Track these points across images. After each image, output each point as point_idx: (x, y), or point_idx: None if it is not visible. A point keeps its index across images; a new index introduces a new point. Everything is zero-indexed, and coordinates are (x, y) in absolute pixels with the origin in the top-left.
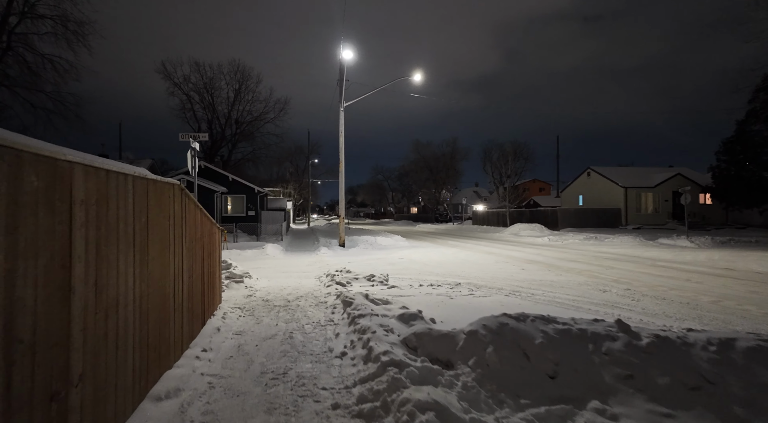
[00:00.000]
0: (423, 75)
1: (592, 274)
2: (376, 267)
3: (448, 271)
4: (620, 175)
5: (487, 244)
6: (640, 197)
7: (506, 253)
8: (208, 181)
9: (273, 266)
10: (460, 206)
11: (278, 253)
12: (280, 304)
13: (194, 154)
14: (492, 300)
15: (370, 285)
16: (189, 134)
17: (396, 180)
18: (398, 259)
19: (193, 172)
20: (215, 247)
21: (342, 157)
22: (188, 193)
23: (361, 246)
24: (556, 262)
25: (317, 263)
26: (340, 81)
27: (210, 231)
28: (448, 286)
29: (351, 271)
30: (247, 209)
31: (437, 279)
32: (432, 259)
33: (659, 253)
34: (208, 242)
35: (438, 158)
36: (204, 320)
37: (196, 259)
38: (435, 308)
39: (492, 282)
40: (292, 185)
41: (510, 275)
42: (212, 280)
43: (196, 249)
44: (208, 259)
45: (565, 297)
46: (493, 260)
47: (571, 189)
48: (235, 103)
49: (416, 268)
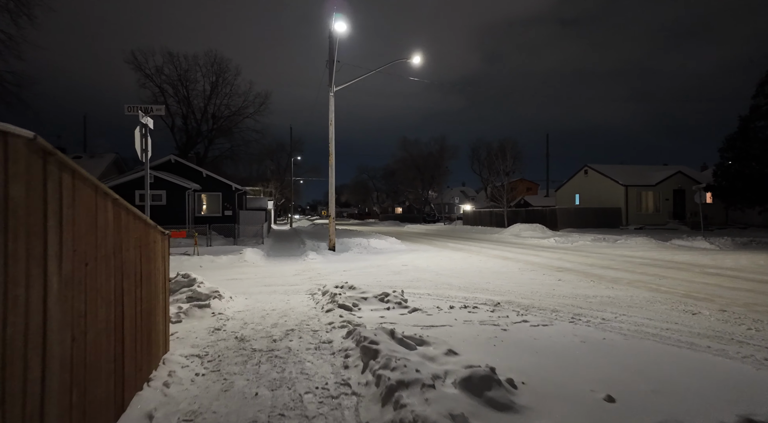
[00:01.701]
0: (421, 58)
1: (649, 286)
2: (378, 277)
3: (469, 282)
4: (620, 173)
5: (493, 247)
6: (640, 196)
7: (523, 258)
8: (179, 177)
9: (252, 277)
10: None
11: (259, 259)
12: (261, 347)
13: (145, 133)
14: (560, 331)
15: (384, 308)
16: (139, 106)
17: (381, 179)
18: (401, 266)
19: (144, 157)
20: (155, 265)
21: (332, 149)
22: (75, 167)
23: (354, 250)
24: (590, 270)
25: (306, 272)
26: (329, 62)
27: (143, 240)
28: (487, 308)
29: (355, 287)
30: (224, 209)
31: (464, 296)
32: (442, 266)
33: (691, 256)
34: (137, 259)
35: (426, 157)
36: (124, 400)
37: (99, 295)
38: (491, 349)
39: (536, 300)
40: (273, 184)
41: (551, 289)
42: (149, 320)
43: (99, 276)
44: (137, 289)
45: (654, 325)
46: (516, 268)
47: (567, 188)
48: (212, 97)
49: (429, 278)
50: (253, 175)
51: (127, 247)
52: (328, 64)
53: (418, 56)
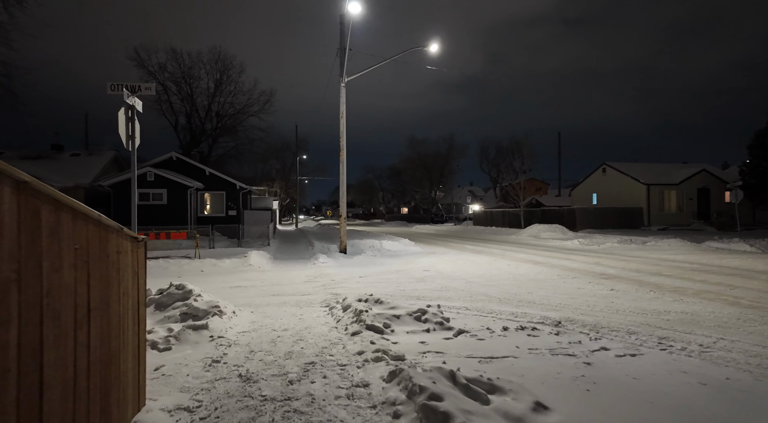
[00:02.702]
0: (439, 46)
1: (723, 298)
2: (400, 285)
3: (509, 293)
4: (640, 171)
5: (516, 249)
6: (662, 195)
7: (556, 263)
8: (180, 176)
9: (258, 284)
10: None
11: (265, 262)
12: (273, 394)
13: (132, 116)
14: (659, 366)
15: (423, 329)
16: (124, 84)
17: (387, 179)
18: (423, 271)
19: (130, 144)
20: (119, 288)
21: (343, 144)
22: None
23: (367, 252)
24: (639, 277)
25: (319, 278)
26: (341, 50)
27: (95, 251)
28: (548, 330)
29: (381, 301)
30: (228, 208)
31: (511, 311)
32: (469, 272)
33: (741, 261)
34: (81, 282)
35: (434, 155)
36: None
37: None
38: (586, 399)
39: (600, 317)
40: (279, 184)
41: (609, 302)
42: (107, 373)
43: None
44: (79, 331)
45: None
46: (553, 274)
47: (584, 187)
48: (216, 95)
49: (459, 287)
50: (258, 174)
51: (55, 265)
52: (339, 52)
53: (435, 44)
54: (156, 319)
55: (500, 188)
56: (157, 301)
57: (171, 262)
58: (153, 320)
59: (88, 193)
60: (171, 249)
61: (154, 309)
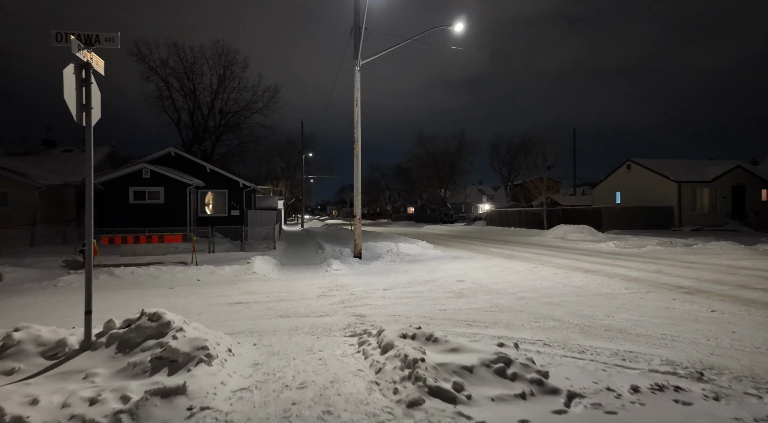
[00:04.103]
0: (464, 25)
1: None
2: (437, 302)
3: (580, 315)
4: (669, 167)
5: (550, 253)
6: (695, 193)
7: (609, 270)
8: (179, 173)
9: (263, 299)
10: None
11: (270, 270)
12: None
13: (87, 78)
14: None
15: (515, 394)
16: (75, 32)
17: (393, 178)
18: (457, 282)
19: (84, 118)
20: None
21: (358, 135)
22: None
23: (385, 258)
24: (728, 291)
25: (335, 291)
26: (355, 29)
27: None
28: (695, 386)
29: (436, 338)
30: (230, 208)
31: (608, 348)
32: (513, 284)
33: None
34: None
35: (444, 153)
36: None
37: None
38: None
39: (744, 359)
40: (284, 183)
41: (729, 332)
42: None
43: None
44: None
45: None
46: (619, 286)
47: (606, 185)
48: (219, 91)
49: (512, 305)
50: (262, 173)
51: None
52: (353, 31)
53: (460, 23)
54: (115, 369)
55: (511, 187)
56: (121, 338)
57: (163, 270)
58: (111, 371)
59: (80, 191)
60: (166, 254)
61: (114, 351)
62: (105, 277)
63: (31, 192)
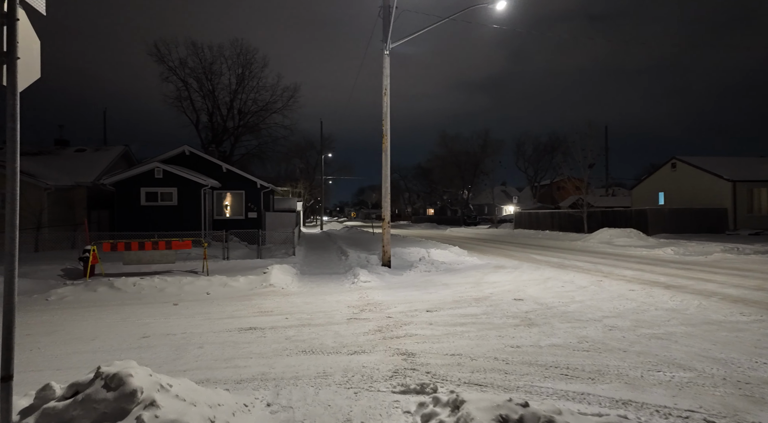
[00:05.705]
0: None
1: None
2: (502, 332)
3: (711, 358)
4: (721, 165)
5: (607, 262)
6: (751, 194)
7: (697, 287)
8: (193, 173)
9: (281, 322)
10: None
11: (290, 280)
12: None
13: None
14: None
15: None
16: None
17: (413, 179)
18: (513, 300)
19: (3, 75)
20: None
21: (387, 128)
22: None
23: (419, 267)
24: None
25: (367, 311)
26: (383, 9)
27: None
28: None
29: (528, 406)
30: (247, 210)
31: None
32: (586, 304)
33: None
34: None
35: (467, 153)
36: None
37: None
38: None
39: None
40: (302, 184)
41: None
42: None
43: None
44: None
45: None
46: (732, 310)
47: (647, 185)
48: (238, 91)
49: (605, 340)
50: (282, 174)
51: None
52: (382, 12)
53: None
54: None
55: (538, 187)
56: (59, 418)
57: (169, 281)
58: None
59: (91, 193)
60: (174, 261)
61: None
62: (104, 290)
63: (38, 193)
